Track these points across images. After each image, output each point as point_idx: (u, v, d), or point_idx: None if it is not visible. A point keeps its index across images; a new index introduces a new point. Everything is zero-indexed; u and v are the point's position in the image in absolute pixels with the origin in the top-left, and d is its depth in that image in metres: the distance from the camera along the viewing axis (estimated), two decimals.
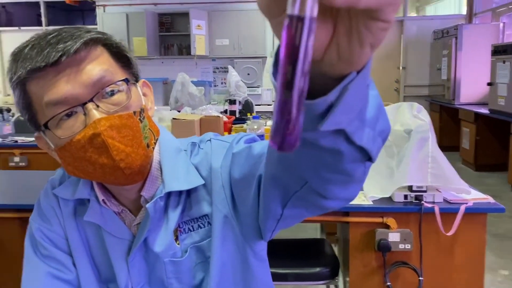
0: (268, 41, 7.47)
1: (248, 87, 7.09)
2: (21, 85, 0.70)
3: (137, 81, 0.79)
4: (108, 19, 7.43)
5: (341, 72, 0.37)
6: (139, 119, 0.73)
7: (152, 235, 0.81)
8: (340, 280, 1.99)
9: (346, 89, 0.38)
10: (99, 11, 7.54)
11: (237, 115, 4.20)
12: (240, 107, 4.37)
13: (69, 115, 0.70)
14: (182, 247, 0.82)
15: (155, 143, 0.78)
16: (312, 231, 3.24)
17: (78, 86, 0.68)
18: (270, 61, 7.56)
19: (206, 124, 2.98)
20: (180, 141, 0.87)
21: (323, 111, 0.39)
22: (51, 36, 0.69)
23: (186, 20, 7.18)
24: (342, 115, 0.40)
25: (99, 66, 0.70)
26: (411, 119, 1.74)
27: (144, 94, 0.79)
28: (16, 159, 3.46)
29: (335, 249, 2.33)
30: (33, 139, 2.12)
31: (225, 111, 4.24)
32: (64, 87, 0.68)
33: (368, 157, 0.49)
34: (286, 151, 0.31)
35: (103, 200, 0.81)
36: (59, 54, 0.66)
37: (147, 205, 0.78)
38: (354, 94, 0.39)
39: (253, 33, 7.34)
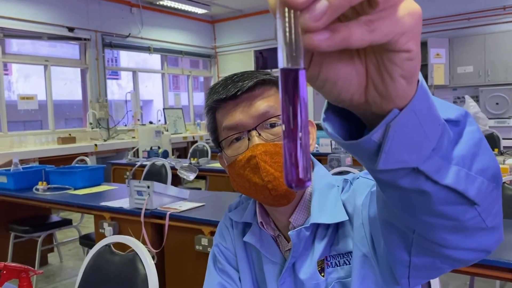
0: None
1: (496, 119, 6.26)
2: (211, 112, 0.88)
3: None
4: None
5: (388, 110, 0.37)
6: None
7: (299, 262, 0.85)
8: None
9: (389, 126, 0.37)
10: None
11: None
12: None
13: (238, 139, 0.84)
14: (327, 279, 0.83)
15: None
16: None
17: (248, 116, 0.82)
18: None
19: None
20: (334, 177, 0.91)
21: (375, 150, 0.39)
22: (236, 76, 0.85)
23: (425, 49, 6.87)
24: (401, 152, 0.39)
25: (267, 102, 0.83)
26: None
27: None
28: None
29: None
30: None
31: None
32: (238, 116, 0.83)
33: (472, 200, 0.44)
34: (294, 188, 0.31)
35: (261, 222, 0.89)
36: (237, 89, 0.82)
37: (289, 233, 0.83)
38: (404, 130, 0.37)
39: (504, 57, 6.45)
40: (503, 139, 5.02)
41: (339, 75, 0.36)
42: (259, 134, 0.82)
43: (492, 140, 4.76)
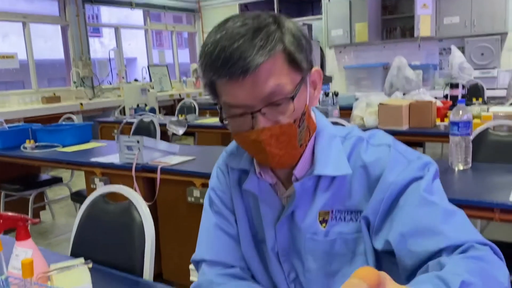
0: (510, 15, 6.42)
1: (481, 69, 6.30)
2: (209, 83, 0.80)
3: (311, 68, 0.83)
4: (332, 8, 7.62)
5: None
6: (298, 125, 0.80)
7: (299, 210, 0.87)
8: None
9: None
10: (324, 1, 7.82)
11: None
12: (464, 92, 3.91)
13: (241, 115, 0.79)
14: (329, 231, 0.86)
15: (309, 139, 0.86)
16: None
17: (252, 98, 0.76)
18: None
19: (416, 110, 2.79)
20: (335, 127, 0.90)
21: None
22: (236, 43, 0.72)
23: (412, 0, 6.78)
24: None
25: (273, 80, 0.75)
26: None
27: (313, 83, 0.85)
28: None
29: None
30: None
31: (445, 96, 3.86)
32: (241, 96, 0.76)
33: None
34: None
35: (259, 172, 0.90)
36: (239, 71, 0.72)
37: (295, 184, 0.85)
38: None
39: (490, 7, 6.41)
40: (487, 89, 5.09)
41: None
42: (264, 114, 0.77)
43: (477, 90, 4.82)
